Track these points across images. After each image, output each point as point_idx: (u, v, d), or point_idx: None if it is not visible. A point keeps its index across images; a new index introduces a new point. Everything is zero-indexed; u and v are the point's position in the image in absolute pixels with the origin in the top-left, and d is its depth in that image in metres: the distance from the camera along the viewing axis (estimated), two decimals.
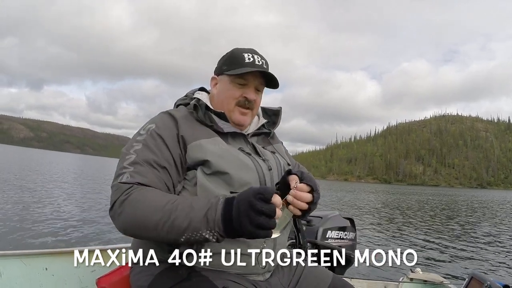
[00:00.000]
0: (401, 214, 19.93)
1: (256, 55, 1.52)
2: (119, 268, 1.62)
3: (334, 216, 2.89)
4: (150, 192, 1.22)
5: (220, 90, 1.55)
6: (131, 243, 1.50)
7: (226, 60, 1.55)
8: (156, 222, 1.16)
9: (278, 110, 1.76)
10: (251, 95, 1.51)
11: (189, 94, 1.65)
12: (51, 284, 1.95)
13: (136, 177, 1.26)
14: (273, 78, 1.51)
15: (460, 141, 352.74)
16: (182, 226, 1.15)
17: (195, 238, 1.16)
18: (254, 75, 1.50)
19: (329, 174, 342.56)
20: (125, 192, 1.22)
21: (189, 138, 1.38)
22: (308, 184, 1.30)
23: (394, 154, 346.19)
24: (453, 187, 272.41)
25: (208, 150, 1.36)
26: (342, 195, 36.08)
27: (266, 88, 1.59)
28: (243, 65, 1.48)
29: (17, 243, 6.83)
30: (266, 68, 1.53)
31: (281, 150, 1.73)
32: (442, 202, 36.70)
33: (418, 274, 2.91)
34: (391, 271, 6.90)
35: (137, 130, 1.45)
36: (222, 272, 1.32)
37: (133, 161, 1.29)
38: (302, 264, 1.61)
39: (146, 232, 1.19)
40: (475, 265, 8.11)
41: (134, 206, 1.19)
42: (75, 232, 8.32)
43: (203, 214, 1.15)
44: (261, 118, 1.71)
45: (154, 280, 1.33)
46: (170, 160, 1.34)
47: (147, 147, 1.34)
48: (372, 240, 10.46)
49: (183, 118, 1.45)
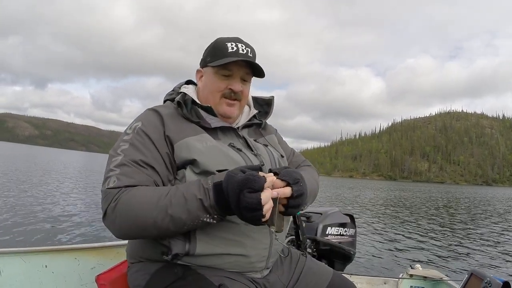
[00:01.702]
0: (402, 211, 19.90)
1: (240, 43, 1.46)
2: (118, 265, 1.63)
3: (334, 212, 2.88)
4: (139, 191, 1.20)
5: (205, 83, 1.51)
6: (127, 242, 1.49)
7: (210, 51, 1.49)
8: (154, 220, 1.14)
9: (270, 100, 1.71)
10: (236, 86, 1.46)
11: (176, 88, 1.61)
12: (51, 281, 1.94)
13: (123, 179, 1.22)
14: (257, 66, 1.45)
15: (465, 138, 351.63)
16: (182, 218, 1.15)
17: (197, 224, 1.18)
18: (238, 65, 1.44)
19: (334, 171, 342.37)
20: (114, 198, 1.19)
21: (175, 136, 1.34)
22: (282, 179, 1.20)
23: (399, 150, 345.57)
24: (458, 184, 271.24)
25: (195, 148, 1.32)
26: (343, 191, 36.08)
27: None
28: (226, 55, 1.42)
29: (17, 240, 6.82)
30: (252, 57, 1.47)
31: (274, 141, 1.66)
32: (445, 199, 36.60)
33: (418, 270, 2.91)
34: (391, 268, 6.91)
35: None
36: (218, 269, 1.30)
37: (119, 163, 1.26)
38: (302, 260, 1.59)
39: (146, 232, 1.18)
40: (476, 261, 8.09)
41: (127, 210, 1.17)
42: (75, 229, 8.31)
43: (200, 204, 1.15)
44: (252, 108, 1.66)
45: (150, 279, 1.32)
46: (158, 159, 1.31)
47: (133, 146, 1.30)
48: (372, 236, 10.44)
49: (169, 115, 1.41)
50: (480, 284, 2.15)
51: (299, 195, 1.22)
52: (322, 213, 2.82)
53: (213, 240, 1.27)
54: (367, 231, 11.38)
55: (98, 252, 2.14)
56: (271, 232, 1.38)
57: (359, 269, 6.35)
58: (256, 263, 1.36)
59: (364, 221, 13.75)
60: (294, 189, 1.20)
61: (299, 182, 1.23)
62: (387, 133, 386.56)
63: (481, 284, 2.14)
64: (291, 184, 1.20)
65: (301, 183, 1.23)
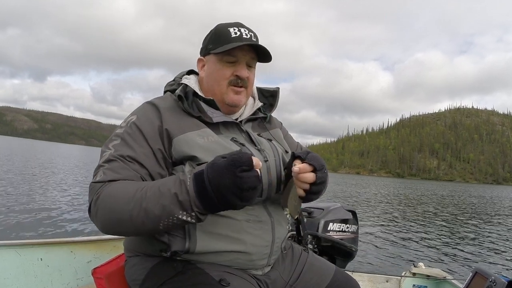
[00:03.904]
0: (405, 208, 19.94)
1: (242, 28, 1.43)
2: (115, 258, 1.63)
3: (336, 208, 2.87)
4: (119, 184, 1.18)
5: (209, 72, 1.47)
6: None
7: (211, 37, 1.46)
8: (129, 214, 1.11)
9: (275, 91, 1.68)
10: (243, 72, 1.42)
11: (177, 78, 1.57)
12: (46, 275, 1.95)
13: (108, 174, 1.21)
14: (264, 50, 1.42)
15: (476, 135, 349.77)
16: (155, 214, 1.09)
17: (173, 222, 1.10)
18: (243, 50, 1.41)
19: (340, 167, 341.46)
20: (97, 191, 1.18)
21: (174, 131, 1.32)
22: (310, 164, 1.23)
23: (407, 147, 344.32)
24: (468, 182, 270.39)
25: (196, 144, 1.29)
26: (347, 188, 36.03)
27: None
28: (230, 41, 1.39)
29: (12, 233, 6.86)
30: (256, 41, 1.44)
31: (279, 136, 1.64)
32: (453, 197, 36.49)
33: (421, 269, 2.91)
34: (393, 265, 6.90)
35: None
36: (218, 265, 1.29)
37: (108, 158, 1.25)
38: (303, 256, 1.59)
39: (123, 227, 1.14)
40: (480, 261, 8.09)
41: (106, 202, 1.15)
42: (71, 222, 8.36)
43: (174, 198, 1.09)
44: (257, 101, 1.63)
45: (148, 274, 1.31)
46: (148, 154, 1.28)
47: (124, 141, 1.29)
48: (374, 233, 10.45)
49: (168, 109, 1.38)
50: (485, 283, 2.15)
51: (321, 182, 1.23)
52: (324, 209, 2.81)
53: (213, 237, 1.26)
54: (369, 227, 11.40)
55: (94, 245, 2.15)
56: (275, 224, 1.39)
57: (360, 267, 6.36)
58: (257, 260, 1.35)
59: (366, 217, 13.79)
60: (318, 176, 1.22)
61: (323, 169, 1.25)
62: (395, 129, 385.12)
63: (486, 283, 2.14)
64: (317, 170, 1.22)
65: (325, 170, 1.25)
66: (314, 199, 1.33)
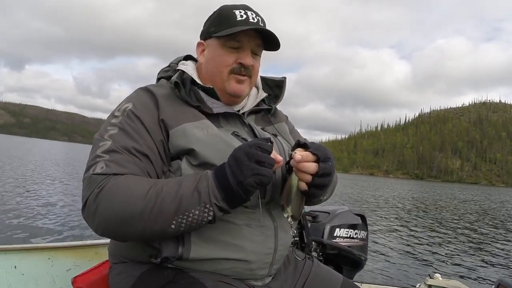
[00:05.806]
0: (421, 213, 19.95)
1: (249, 11, 1.41)
2: (98, 266, 1.64)
3: (344, 211, 2.86)
4: (130, 179, 1.17)
5: (209, 58, 1.46)
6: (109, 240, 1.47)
7: (214, 19, 1.44)
8: (141, 209, 1.10)
9: (281, 81, 1.67)
10: (247, 60, 1.41)
11: (172, 64, 1.57)
12: (21, 284, 1.95)
13: (112, 166, 1.18)
14: (272, 36, 1.41)
15: (503, 133, 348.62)
16: (171, 209, 1.11)
17: (187, 222, 1.13)
18: (249, 35, 1.40)
19: (352, 168, 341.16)
20: (99, 184, 1.15)
21: (171, 122, 1.30)
22: (314, 153, 1.20)
23: (427, 146, 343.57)
24: (494, 185, 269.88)
25: (194, 136, 1.28)
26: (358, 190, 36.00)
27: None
28: (235, 24, 1.37)
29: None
30: (263, 26, 1.42)
31: (284, 130, 1.64)
32: (477, 202, 36.40)
33: (438, 280, 2.91)
34: (406, 276, 6.88)
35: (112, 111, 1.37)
36: (213, 274, 1.28)
37: (108, 149, 1.22)
38: (308, 265, 1.59)
39: (128, 225, 1.13)
40: (503, 273, 8.08)
41: (111, 197, 1.13)
42: (49, 226, 8.35)
43: (193, 188, 1.12)
44: (261, 91, 1.62)
45: (136, 283, 1.30)
46: (152, 147, 1.27)
47: (124, 131, 1.26)
48: (386, 240, 10.44)
49: (164, 97, 1.37)
50: None
51: (325, 174, 1.21)
52: (330, 212, 2.80)
53: (209, 242, 1.26)
54: (380, 234, 11.40)
55: (74, 252, 2.15)
56: (278, 226, 1.39)
57: (370, 277, 6.35)
58: (257, 270, 1.34)
59: (377, 223, 13.79)
60: (321, 166, 1.19)
61: (329, 160, 1.22)
62: (414, 125, 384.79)
63: None
64: (320, 160, 1.20)
65: (330, 162, 1.23)
66: (319, 197, 1.31)
